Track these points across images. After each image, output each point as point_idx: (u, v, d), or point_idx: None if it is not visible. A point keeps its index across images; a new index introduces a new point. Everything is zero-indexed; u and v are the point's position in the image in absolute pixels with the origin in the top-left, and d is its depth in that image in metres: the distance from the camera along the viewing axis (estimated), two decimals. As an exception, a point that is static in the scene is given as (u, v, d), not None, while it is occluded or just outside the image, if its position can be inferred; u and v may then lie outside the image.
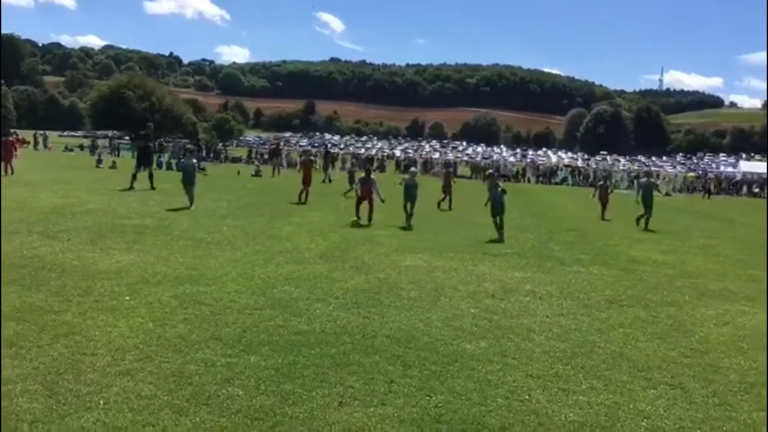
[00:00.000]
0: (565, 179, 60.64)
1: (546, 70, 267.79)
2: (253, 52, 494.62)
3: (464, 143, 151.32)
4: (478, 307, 8.32)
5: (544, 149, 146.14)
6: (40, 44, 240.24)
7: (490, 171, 23.51)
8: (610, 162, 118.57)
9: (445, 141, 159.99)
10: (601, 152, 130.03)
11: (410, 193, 17.02)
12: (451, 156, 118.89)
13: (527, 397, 5.41)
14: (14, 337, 5.90)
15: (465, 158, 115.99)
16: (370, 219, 16.29)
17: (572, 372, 6.07)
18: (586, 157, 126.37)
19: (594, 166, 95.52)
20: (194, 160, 18.97)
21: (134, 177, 21.17)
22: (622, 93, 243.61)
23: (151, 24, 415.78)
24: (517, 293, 9.30)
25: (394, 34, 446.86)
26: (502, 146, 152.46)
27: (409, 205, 16.80)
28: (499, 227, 15.35)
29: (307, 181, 21.32)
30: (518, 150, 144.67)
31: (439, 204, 22.13)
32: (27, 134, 63.58)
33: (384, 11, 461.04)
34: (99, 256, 9.78)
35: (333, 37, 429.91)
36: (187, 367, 5.50)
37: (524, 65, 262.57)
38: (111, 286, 8.03)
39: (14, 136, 28.43)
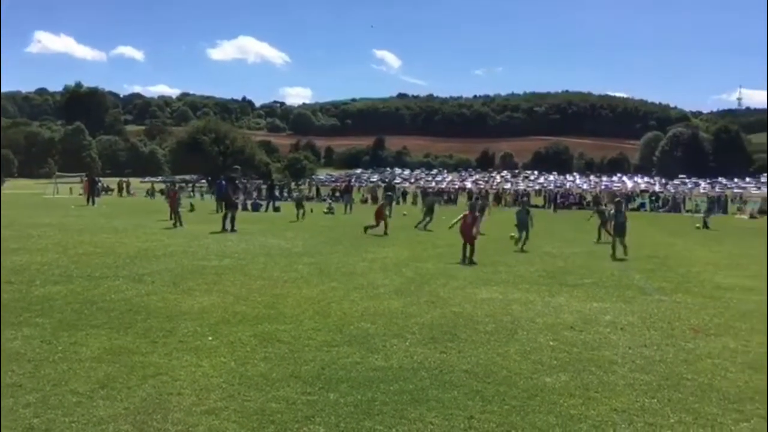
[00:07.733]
0: (642, 205, 58.91)
1: (617, 94, 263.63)
2: (315, 92, 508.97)
3: (536, 172, 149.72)
4: (557, 339, 8.15)
5: (618, 175, 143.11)
6: (121, 95, 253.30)
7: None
8: (689, 185, 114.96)
9: (516, 171, 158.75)
10: (680, 176, 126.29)
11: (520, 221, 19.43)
12: (522, 185, 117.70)
13: (612, 432, 5.25)
14: (105, 378, 6.15)
15: (537, 187, 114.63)
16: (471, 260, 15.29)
17: (659, 405, 5.86)
18: (664, 181, 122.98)
19: (673, 191, 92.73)
20: None
21: (225, 219, 21.99)
22: (698, 114, 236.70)
23: (217, 70, 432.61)
24: (596, 324, 9.08)
25: (455, 67, 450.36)
26: (575, 174, 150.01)
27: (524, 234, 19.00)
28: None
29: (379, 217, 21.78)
30: (591, 177, 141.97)
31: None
32: (111, 181, 66.73)
33: (440, 45, 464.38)
34: (182, 298, 10.13)
35: (392, 73, 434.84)
36: (269, 405, 5.60)
37: (594, 91, 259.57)
38: (194, 326, 8.28)
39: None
